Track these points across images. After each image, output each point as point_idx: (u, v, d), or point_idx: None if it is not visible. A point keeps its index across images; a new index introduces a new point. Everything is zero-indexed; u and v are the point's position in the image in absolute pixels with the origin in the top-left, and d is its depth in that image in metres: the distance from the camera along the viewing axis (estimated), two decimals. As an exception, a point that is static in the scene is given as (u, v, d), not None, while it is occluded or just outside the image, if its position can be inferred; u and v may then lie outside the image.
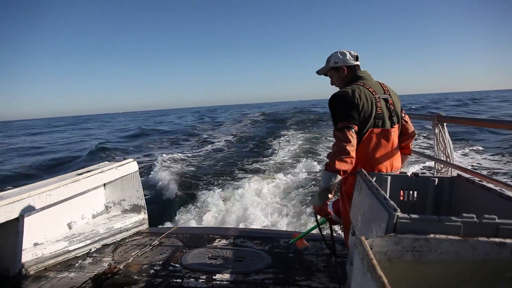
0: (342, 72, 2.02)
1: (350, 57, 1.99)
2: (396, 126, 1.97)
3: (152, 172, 9.76)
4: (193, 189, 7.99)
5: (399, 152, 2.02)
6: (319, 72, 2.12)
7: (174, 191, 7.79)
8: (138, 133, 25.95)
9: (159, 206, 6.92)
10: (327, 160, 1.79)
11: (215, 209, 6.21)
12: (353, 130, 1.77)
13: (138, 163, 3.51)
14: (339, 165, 1.72)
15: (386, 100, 1.93)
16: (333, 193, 1.81)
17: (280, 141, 15.01)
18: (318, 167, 8.85)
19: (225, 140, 16.78)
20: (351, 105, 1.80)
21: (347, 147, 1.73)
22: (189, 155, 13.11)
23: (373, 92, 1.88)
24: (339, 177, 1.75)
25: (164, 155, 12.29)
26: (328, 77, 2.12)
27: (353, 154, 1.74)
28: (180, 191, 7.80)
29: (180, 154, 12.88)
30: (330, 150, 1.83)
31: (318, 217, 2.04)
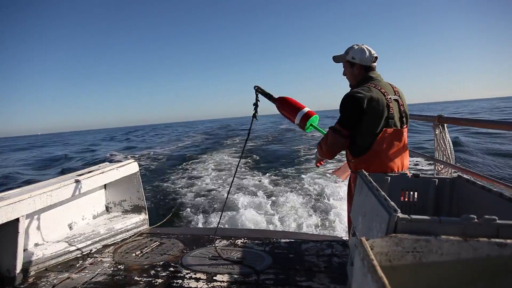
0: (356, 69, 2.03)
1: (370, 56, 2.00)
2: (406, 126, 2.00)
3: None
4: (193, 190, 8.00)
5: (408, 151, 2.05)
6: (335, 59, 2.14)
7: (175, 193, 7.80)
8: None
9: (160, 206, 6.93)
10: (318, 152, 2.13)
11: (216, 210, 6.21)
12: (344, 137, 1.94)
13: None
14: (324, 158, 2.17)
15: (397, 101, 1.96)
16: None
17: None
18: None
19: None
20: (357, 109, 1.86)
21: (333, 150, 2.01)
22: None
23: (385, 93, 1.91)
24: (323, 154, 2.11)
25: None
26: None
27: (335, 153, 2.06)
28: (180, 193, 7.81)
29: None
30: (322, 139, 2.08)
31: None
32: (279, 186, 7.75)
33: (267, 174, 9.29)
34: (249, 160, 12.32)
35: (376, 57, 2.01)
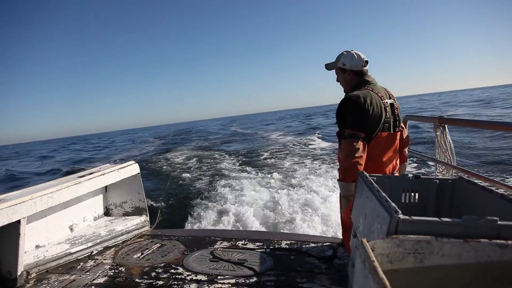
0: (348, 75, 2.04)
1: (359, 61, 2.00)
2: (398, 130, 2.01)
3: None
4: (194, 192, 8.00)
5: (398, 154, 2.06)
6: (327, 67, 2.15)
7: (175, 194, 7.81)
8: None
9: (161, 208, 6.93)
10: (340, 171, 1.90)
11: (217, 212, 6.21)
12: (360, 138, 1.83)
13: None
14: (349, 175, 1.83)
15: (392, 105, 1.96)
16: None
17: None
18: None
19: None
20: (361, 111, 1.84)
21: (354, 157, 1.81)
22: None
23: (381, 97, 1.91)
24: (352, 184, 1.82)
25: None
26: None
27: (360, 161, 1.82)
28: (181, 194, 7.81)
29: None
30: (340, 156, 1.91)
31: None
32: (278, 185, 7.75)
33: (267, 172, 9.31)
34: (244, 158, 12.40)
35: (367, 61, 2.02)
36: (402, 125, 2.17)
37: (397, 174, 1.93)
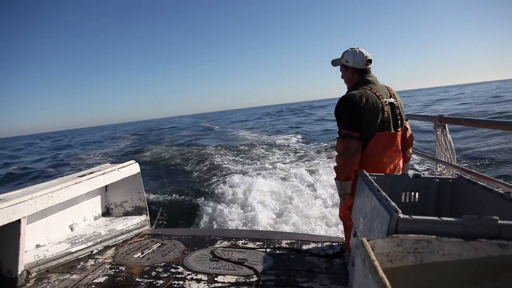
0: (350, 72, 2.04)
1: (362, 59, 2.00)
2: (400, 129, 2.00)
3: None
4: (194, 191, 8.00)
5: (401, 154, 2.05)
6: (333, 63, 2.15)
7: (175, 194, 7.81)
8: None
9: (161, 207, 6.94)
10: (334, 170, 1.94)
11: (217, 211, 6.21)
12: (355, 138, 1.86)
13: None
14: (344, 173, 1.88)
15: (392, 104, 1.95)
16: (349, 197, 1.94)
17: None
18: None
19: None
20: (355, 111, 1.85)
21: (346, 155, 1.86)
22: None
23: (380, 97, 1.90)
24: (348, 182, 1.88)
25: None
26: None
27: (354, 160, 1.86)
28: (181, 194, 7.81)
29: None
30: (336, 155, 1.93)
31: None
32: (279, 184, 7.75)
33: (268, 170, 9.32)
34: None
35: (370, 60, 2.01)
36: (407, 124, 2.15)
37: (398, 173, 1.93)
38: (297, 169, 9.03)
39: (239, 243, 2.83)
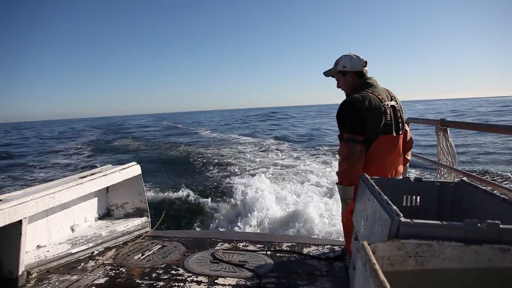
0: (349, 77, 2.03)
1: (359, 62, 2.00)
2: (402, 132, 2.00)
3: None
4: (195, 192, 8.00)
5: (402, 157, 2.04)
6: (326, 74, 2.14)
7: (176, 195, 7.81)
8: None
9: (162, 209, 6.94)
10: (337, 174, 1.92)
11: (218, 213, 6.21)
12: (358, 142, 1.83)
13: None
14: (348, 178, 1.85)
15: (394, 107, 1.95)
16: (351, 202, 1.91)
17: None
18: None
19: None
20: (359, 115, 1.84)
21: (351, 160, 1.83)
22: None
23: (382, 100, 1.90)
24: (350, 188, 1.86)
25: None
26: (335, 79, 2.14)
27: (358, 164, 1.83)
28: (182, 195, 7.81)
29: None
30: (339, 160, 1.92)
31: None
32: (280, 184, 7.74)
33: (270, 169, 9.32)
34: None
35: (366, 62, 2.02)
36: (406, 127, 2.15)
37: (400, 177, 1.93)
38: (297, 168, 9.04)
39: (239, 245, 2.82)
